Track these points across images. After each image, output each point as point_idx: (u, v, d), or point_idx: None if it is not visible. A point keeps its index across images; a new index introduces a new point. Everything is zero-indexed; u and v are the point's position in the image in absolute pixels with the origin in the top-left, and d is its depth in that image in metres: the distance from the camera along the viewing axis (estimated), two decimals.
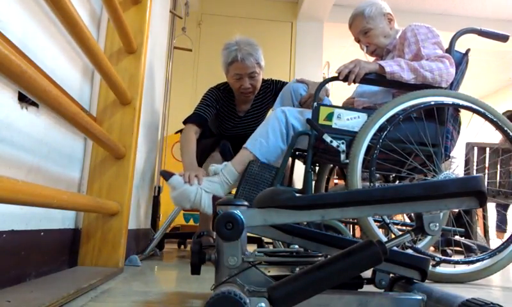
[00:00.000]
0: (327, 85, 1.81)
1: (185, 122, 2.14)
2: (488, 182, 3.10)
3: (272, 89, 2.23)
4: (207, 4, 4.58)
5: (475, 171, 3.12)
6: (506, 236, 4.31)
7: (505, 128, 1.60)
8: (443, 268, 1.55)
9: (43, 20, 1.05)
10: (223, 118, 2.25)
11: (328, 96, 1.93)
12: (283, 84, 2.21)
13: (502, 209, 3.98)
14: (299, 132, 1.66)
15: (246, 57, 2.04)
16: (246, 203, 0.86)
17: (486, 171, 3.18)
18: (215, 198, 1.64)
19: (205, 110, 2.15)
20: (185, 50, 3.14)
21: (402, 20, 2.18)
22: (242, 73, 2.08)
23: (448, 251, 2.69)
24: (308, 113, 1.66)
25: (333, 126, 1.62)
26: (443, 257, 1.57)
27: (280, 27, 4.67)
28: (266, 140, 1.69)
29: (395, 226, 1.60)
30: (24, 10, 0.96)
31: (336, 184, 3.35)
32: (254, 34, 2.27)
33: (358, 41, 2.00)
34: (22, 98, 0.94)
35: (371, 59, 1.93)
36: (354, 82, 1.67)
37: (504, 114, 2.10)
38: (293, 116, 1.70)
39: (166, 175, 1.69)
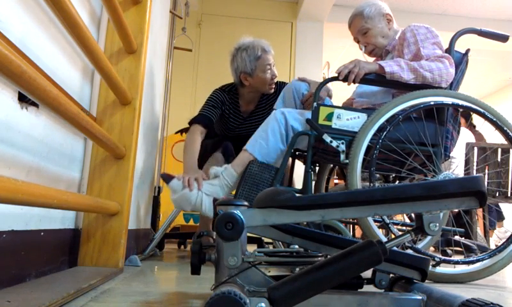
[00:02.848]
0: (329, 85, 1.81)
1: (191, 123, 2.15)
2: (487, 182, 3.10)
3: (276, 90, 2.24)
4: (207, 4, 4.58)
5: (475, 171, 3.12)
6: (498, 234, 4.34)
7: (505, 128, 1.60)
8: (443, 269, 1.55)
9: (43, 20, 1.05)
10: (227, 119, 2.25)
11: (330, 97, 1.93)
12: (285, 84, 2.22)
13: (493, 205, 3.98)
14: (299, 132, 1.66)
15: (270, 48, 2.16)
16: (246, 203, 0.86)
17: (486, 171, 3.18)
18: (216, 201, 1.64)
19: (210, 111, 2.16)
20: (185, 50, 3.14)
21: (402, 20, 2.19)
22: (271, 62, 2.16)
23: (448, 251, 2.69)
24: (308, 114, 1.66)
25: (333, 126, 1.62)
26: (443, 257, 1.57)
27: (280, 27, 4.67)
28: (266, 141, 1.69)
29: (395, 226, 1.60)
30: (24, 10, 0.96)
31: (336, 184, 3.36)
32: (254, 34, 2.28)
33: (357, 41, 2.00)
34: (22, 98, 0.94)
35: (370, 59, 1.94)
36: (354, 82, 1.67)
37: None
38: (293, 117, 1.70)
39: (167, 178, 1.70)
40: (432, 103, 1.58)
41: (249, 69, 2.15)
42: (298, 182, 1.89)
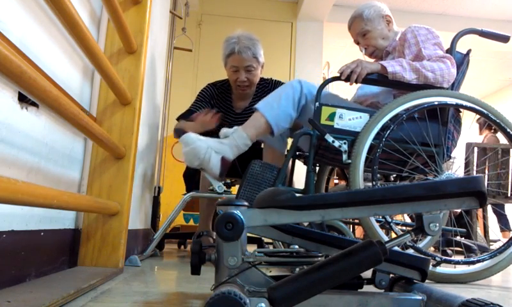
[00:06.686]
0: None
1: (178, 118, 2.21)
2: (487, 183, 3.10)
3: (270, 89, 2.24)
4: (207, 4, 4.58)
5: (475, 172, 3.12)
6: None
7: (508, 130, 1.60)
8: (444, 269, 1.55)
9: (43, 20, 1.05)
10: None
11: None
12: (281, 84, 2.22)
13: (501, 209, 4.00)
14: (302, 132, 1.66)
15: (243, 50, 2.08)
16: (246, 203, 0.86)
17: (486, 171, 3.18)
18: (224, 160, 1.66)
19: (198, 107, 2.21)
20: (185, 50, 3.14)
21: (401, 21, 2.19)
22: (239, 66, 2.12)
23: (449, 251, 2.69)
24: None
25: (335, 126, 1.62)
26: (444, 257, 1.57)
27: (280, 27, 4.67)
28: (278, 104, 1.71)
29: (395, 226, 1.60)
30: (24, 10, 0.96)
31: (336, 184, 3.35)
32: (254, 34, 2.27)
33: (357, 43, 2.00)
34: (22, 99, 0.94)
35: (370, 60, 1.94)
36: (356, 82, 1.67)
37: None
38: (308, 88, 1.73)
39: (180, 132, 1.74)
40: (436, 103, 1.58)
41: (223, 61, 2.18)
42: (298, 182, 1.89)
